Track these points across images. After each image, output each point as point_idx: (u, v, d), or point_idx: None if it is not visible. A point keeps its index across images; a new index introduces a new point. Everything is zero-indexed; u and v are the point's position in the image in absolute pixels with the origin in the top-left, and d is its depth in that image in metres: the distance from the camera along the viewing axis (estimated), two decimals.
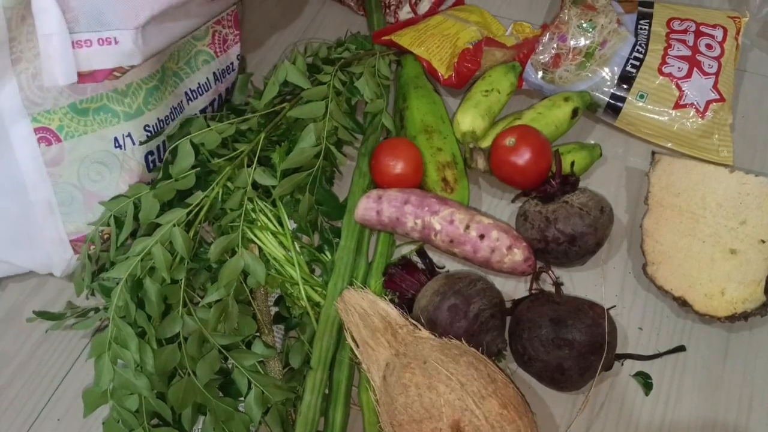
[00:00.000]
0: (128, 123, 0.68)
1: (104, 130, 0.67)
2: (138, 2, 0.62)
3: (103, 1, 0.60)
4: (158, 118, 0.71)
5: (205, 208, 0.65)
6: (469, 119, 0.78)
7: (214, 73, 0.79)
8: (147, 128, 0.70)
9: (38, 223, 0.67)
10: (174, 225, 0.61)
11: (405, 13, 0.94)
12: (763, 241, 0.66)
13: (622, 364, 0.66)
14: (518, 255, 0.67)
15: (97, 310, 0.68)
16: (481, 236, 0.67)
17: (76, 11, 0.60)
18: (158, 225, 0.62)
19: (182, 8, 0.67)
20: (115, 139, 0.68)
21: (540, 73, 0.83)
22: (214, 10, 0.75)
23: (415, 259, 0.72)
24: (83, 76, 0.63)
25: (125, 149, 0.69)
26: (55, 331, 0.71)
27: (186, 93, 0.76)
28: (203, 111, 0.80)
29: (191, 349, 0.59)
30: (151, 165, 0.72)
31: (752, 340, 0.67)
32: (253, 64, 0.94)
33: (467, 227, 0.67)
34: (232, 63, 0.82)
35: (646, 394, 0.64)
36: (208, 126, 0.70)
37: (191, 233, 0.63)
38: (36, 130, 0.63)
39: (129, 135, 0.68)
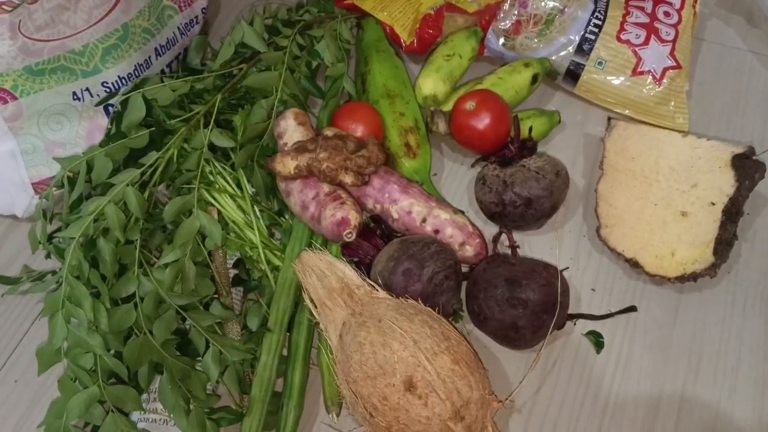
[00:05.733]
0: (85, 80, 0.69)
1: (61, 87, 0.68)
2: None
3: None
4: (119, 76, 0.71)
5: (160, 169, 0.64)
6: (431, 83, 0.79)
7: (178, 27, 0.79)
8: (105, 84, 0.70)
9: (1, 169, 0.69)
10: (127, 185, 0.61)
11: None
12: (713, 204, 0.67)
13: (575, 324, 0.67)
14: (470, 251, 0.68)
15: (53, 272, 0.67)
16: (436, 231, 0.67)
17: None
18: (112, 185, 0.62)
19: None
20: (74, 93, 0.69)
21: (501, 40, 0.83)
22: None
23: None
24: None
25: (84, 101, 0.70)
26: (11, 295, 0.70)
27: (156, 48, 0.76)
28: (168, 65, 0.80)
29: (147, 309, 0.59)
30: (111, 112, 0.73)
31: (702, 300, 0.69)
32: (214, 26, 0.93)
33: (424, 220, 0.68)
34: (197, 16, 0.82)
35: (598, 352, 0.66)
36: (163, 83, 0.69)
37: (146, 194, 0.62)
38: None
39: (87, 89, 0.69)
